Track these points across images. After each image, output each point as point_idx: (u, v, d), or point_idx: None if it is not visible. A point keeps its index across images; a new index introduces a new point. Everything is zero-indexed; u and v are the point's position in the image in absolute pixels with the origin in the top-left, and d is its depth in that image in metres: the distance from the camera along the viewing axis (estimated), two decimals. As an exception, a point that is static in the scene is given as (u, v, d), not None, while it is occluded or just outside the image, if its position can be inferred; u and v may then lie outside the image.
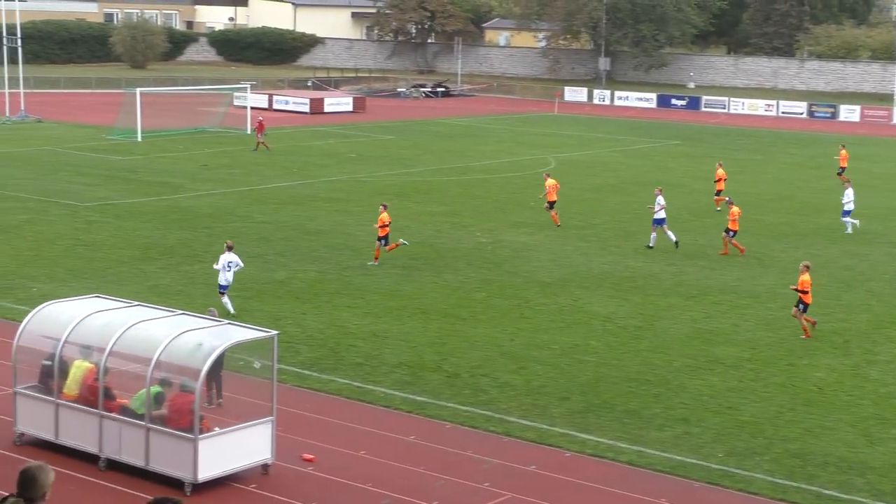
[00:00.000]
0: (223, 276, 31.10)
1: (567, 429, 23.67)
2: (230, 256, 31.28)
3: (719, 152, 73.46)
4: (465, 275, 36.77)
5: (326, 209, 47.68)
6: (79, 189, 50.75)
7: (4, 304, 31.63)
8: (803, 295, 31.17)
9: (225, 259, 31.20)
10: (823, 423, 24.60)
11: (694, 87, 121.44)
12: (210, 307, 26.62)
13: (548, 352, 28.91)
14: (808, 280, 31.29)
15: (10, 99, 78.81)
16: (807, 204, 53.76)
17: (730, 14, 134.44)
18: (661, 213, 42.15)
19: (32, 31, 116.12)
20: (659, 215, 42.15)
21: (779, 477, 21.60)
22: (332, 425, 23.49)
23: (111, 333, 21.18)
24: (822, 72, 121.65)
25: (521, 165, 63.54)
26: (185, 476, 19.94)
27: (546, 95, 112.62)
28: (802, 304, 31.23)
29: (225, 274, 31.11)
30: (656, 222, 42.22)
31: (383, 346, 28.92)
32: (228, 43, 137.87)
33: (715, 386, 26.73)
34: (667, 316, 32.74)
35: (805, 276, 31.31)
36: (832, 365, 28.77)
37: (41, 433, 21.69)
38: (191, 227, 42.90)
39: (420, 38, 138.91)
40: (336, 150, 68.67)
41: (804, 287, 31.16)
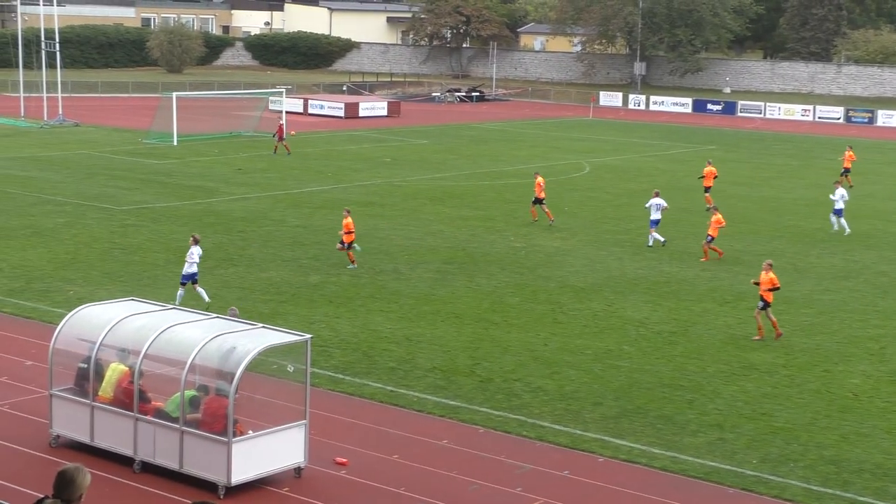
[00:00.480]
0: (189, 267, 32.06)
1: (600, 434, 23.61)
2: (198, 249, 32.21)
3: (755, 157, 73.22)
4: (498, 279, 36.75)
5: (360, 213, 47.71)
6: (115, 192, 51.06)
7: (41, 306, 31.86)
8: (765, 293, 30.86)
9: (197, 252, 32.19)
10: (859, 429, 24.43)
11: (730, 92, 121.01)
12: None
13: (581, 357, 28.85)
14: (772, 279, 31.00)
15: (49, 103, 79.36)
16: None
17: (766, 19, 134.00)
18: (658, 215, 42.86)
19: (71, 35, 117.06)
20: (655, 216, 42.89)
21: (813, 484, 21.47)
22: (365, 429, 23.52)
23: (146, 336, 21.29)
24: (859, 77, 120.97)
25: (555, 170, 63.44)
26: (218, 479, 20.02)
27: (581, 100, 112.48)
28: (763, 302, 30.95)
29: (191, 266, 32.08)
30: (653, 223, 42.99)
31: (416, 350, 28.94)
32: (264, 47, 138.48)
33: (749, 392, 26.60)
34: (701, 321, 32.62)
35: (770, 274, 31.00)
36: (868, 371, 28.57)
37: (77, 435, 21.82)
38: (225, 231, 43.08)
39: (455, 42, 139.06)
40: (370, 154, 68.80)
41: (773, 284, 30.93)
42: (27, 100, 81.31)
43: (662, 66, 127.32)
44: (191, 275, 32.17)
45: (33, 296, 33.00)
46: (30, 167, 58.23)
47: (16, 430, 22.70)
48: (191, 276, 32.17)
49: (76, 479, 9.59)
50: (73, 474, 9.61)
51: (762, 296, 30.94)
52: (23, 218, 44.26)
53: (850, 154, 61.79)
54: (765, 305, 30.95)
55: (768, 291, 30.90)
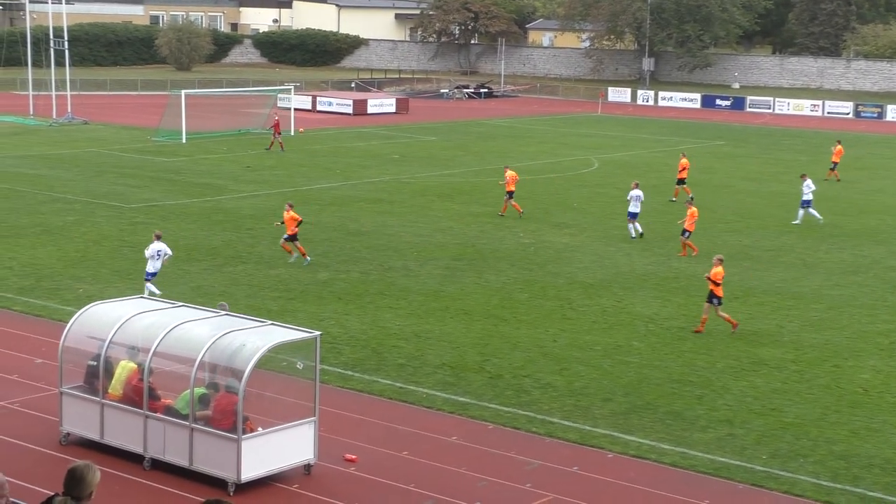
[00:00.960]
0: (152, 264, 32.32)
1: (610, 430, 23.61)
2: (159, 245, 32.39)
3: (764, 153, 73.13)
4: (507, 276, 36.75)
5: (369, 210, 47.79)
6: (124, 190, 51.14)
7: (51, 304, 31.93)
8: (714, 287, 30.61)
9: (154, 248, 32.30)
10: (869, 424, 24.41)
11: (739, 88, 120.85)
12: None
13: (590, 353, 28.85)
14: (721, 272, 30.73)
15: (58, 101, 79.49)
16: (853, 204, 53.36)
17: (775, 14, 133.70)
18: (636, 207, 43.16)
19: (79, 33, 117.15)
20: (633, 209, 43.26)
21: (823, 479, 21.46)
22: (374, 426, 23.54)
23: (156, 334, 21.33)
24: (868, 72, 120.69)
25: (563, 166, 63.43)
26: (228, 476, 20.05)
27: (589, 96, 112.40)
28: (716, 299, 30.69)
29: (154, 262, 32.30)
30: (631, 215, 43.51)
31: (426, 346, 28.96)
32: (272, 45, 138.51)
33: (759, 387, 26.58)
34: (710, 317, 32.56)
35: (718, 268, 30.76)
36: (878, 366, 28.54)
37: (87, 433, 21.87)
38: (234, 229, 43.13)
39: (463, 39, 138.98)
40: (379, 151, 68.82)
41: (717, 279, 30.63)
42: (36, 98, 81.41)
43: (671, 62, 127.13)
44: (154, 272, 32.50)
45: (43, 294, 33.07)
46: (39, 165, 58.34)
47: (26, 428, 22.76)
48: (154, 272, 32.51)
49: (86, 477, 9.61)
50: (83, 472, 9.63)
51: (712, 290, 30.73)
52: (32, 216, 44.35)
53: (839, 149, 61.86)
54: (717, 300, 30.73)
55: (717, 286, 30.64)
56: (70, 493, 9.60)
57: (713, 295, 30.77)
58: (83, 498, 9.61)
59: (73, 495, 9.60)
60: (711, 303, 30.84)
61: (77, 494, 9.59)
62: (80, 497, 9.60)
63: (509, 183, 47.00)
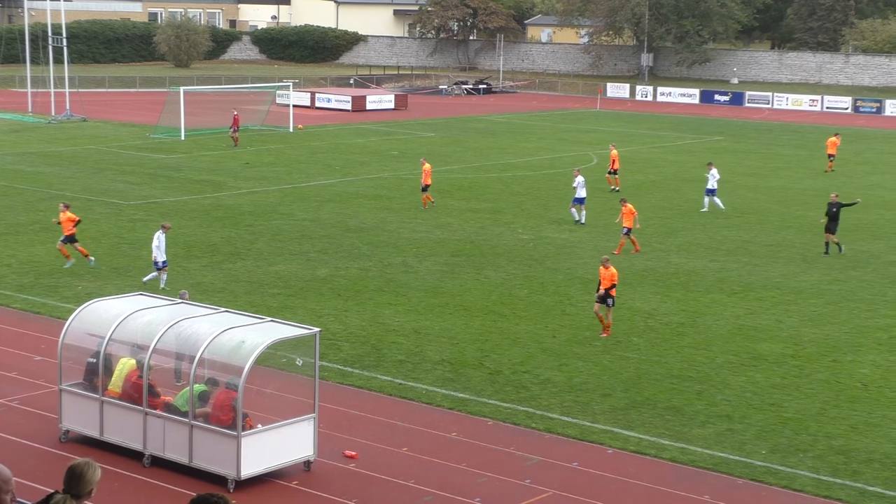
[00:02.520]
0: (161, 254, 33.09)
1: (609, 425, 23.62)
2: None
3: (763, 148, 73.12)
4: (506, 272, 36.75)
5: (368, 206, 47.79)
6: (123, 188, 51.13)
7: (50, 302, 31.93)
8: (612, 290, 29.78)
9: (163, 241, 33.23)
10: (868, 419, 24.42)
11: (737, 83, 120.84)
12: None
13: (590, 348, 28.86)
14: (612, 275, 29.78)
15: (56, 98, 79.44)
16: (851, 199, 53.20)
17: (774, 9, 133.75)
18: (582, 192, 44.93)
19: (78, 30, 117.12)
20: (580, 194, 44.88)
21: (823, 474, 21.47)
22: (374, 422, 23.55)
23: (155, 331, 21.34)
24: (867, 66, 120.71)
25: (562, 162, 63.40)
26: (228, 473, 20.06)
27: (588, 92, 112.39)
28: (610, 299, 29.85)
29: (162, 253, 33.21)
30: (577, 200, 44.94)
31: (425, 343, 28.96)
32: (271, 41, 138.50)
33: (758, 382, 26.59)
34: (709, 312, 32.60)
35: (610, 269, 29.83)
36: (877, 361, 28.54)
37: (86, 430, 21.88)
38: (233, 225, 43.13)
39: (462, 35, 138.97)
40: (378, 147, 68.81)
41: (613, 280, 29.75)
42: (35, 95, 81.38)
43: (670, 57, 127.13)
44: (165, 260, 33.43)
45: (42, 291, 33.07)
46: (38, 163, 58.32)
47: (26, 426, 22.77)
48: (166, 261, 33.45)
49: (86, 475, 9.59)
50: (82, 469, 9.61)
51: (605, 290, 29.76)
52: (31, 213, 44.34)
53: (835, 140, 62.27)
54: (610, 301, 29.81)
55: (611, 288, 29.75)
56: (70, 491, 9.59)
57: (609, 296, 29.78)
58: (82, 495, 9.59)
59: (73, 493, 9.58)
60: (605, 304, 29.85)
61: (77, 492, 9.57)
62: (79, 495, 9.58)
63: (425, 176, 47.65)
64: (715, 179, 48.46)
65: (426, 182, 47.69)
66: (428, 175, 47.75)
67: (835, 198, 41.07)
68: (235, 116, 67.10)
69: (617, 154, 54.40)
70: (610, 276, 29.82)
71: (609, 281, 29.81)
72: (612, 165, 54.09)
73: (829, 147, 62.61)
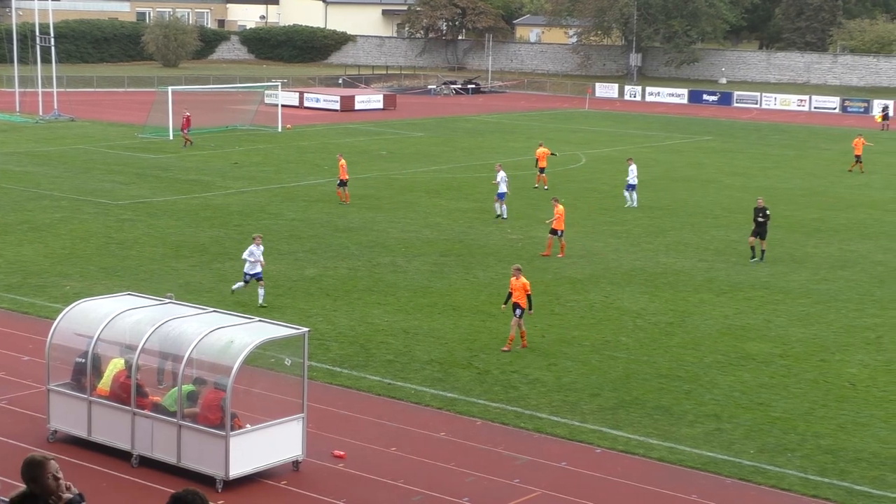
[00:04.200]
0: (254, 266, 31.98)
1: (598, 425, 23.64)
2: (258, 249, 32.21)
3: (751, 147, 73.24)
4: (495, 271, 36.75)
5: (357, 206, 47.76)
6: (111, 187, 51.03)
7: (38, 301, 31.86)
8: (520, 300, 28.34)
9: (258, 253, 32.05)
10: (856, 419, 24.47)
11: (726, 83, 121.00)
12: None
13: (578, 348, 28.88)
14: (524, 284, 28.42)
15: (44, 98, 79.25)
16: (840, 199, 53.46)
17: (762, 9, 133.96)
18: (504, 188, 45.74)
19: (65, 30, 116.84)
20: (502, 189, 45.70)
21: (811, 473, 21.51)
22: (362, 422, 23.54)
23: (143, 331, 21.31)
24: (855, 66, 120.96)
25: (551, 162, 63.35)
26: (216, 473, 20.05)
27: (577, 91, 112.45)
28: (520, 310, 28.39)
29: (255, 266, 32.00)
30: (499, 196, 45.75)
31: (414, 342, 28.96)
32: (260, 41, 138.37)
33: (746, 382, 26.63)
34: (698, 312, 32.64)
35: (521, 279, 28.49)
36: (865, 361, 28.60)
37: (74, 430, 21.84)
38: (222, 225, 43.08)
39: (451, 35, 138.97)
40: (366, 147, 68.76)
41: (526, 290, 28.31)
42: (22, 95, 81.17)
43: (658, 57, 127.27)
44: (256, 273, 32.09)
45: (30, 291, 33.00)
46: (25, 162, 58.19)
47: (13, 426, 22.72)
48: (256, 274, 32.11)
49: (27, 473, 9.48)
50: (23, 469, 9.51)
51: (516, 302, 28.39)
52: (19, 213, 44.24)
53: (862, 140, 62.34)
54: (521, 312, 28.38)
55: (523, 297, 28.38)
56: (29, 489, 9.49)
57: (519, 306, 28.37)
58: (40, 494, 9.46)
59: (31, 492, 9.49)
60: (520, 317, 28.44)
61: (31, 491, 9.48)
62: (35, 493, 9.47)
63: (342, 171, 48.18)
64: (634, 175, 48.79)
65: (343, 177, 48.18)
66: (344, 170, 48.20)
67: (761, 203, 39.90)
68: (187, 117, 66.41)
69: (542, 152, 54.69)
70: (522, 286, 28.39)
71: (522, 291, 28.37)
72: (539, 163, 54.43)
73: (856, 148, 62.55)
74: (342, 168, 48.30)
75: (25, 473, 9.43)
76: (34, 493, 9.42)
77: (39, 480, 9.35)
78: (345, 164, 48.53)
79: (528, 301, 28.45)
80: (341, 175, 48.27)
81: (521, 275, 28.76)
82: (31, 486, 9.42)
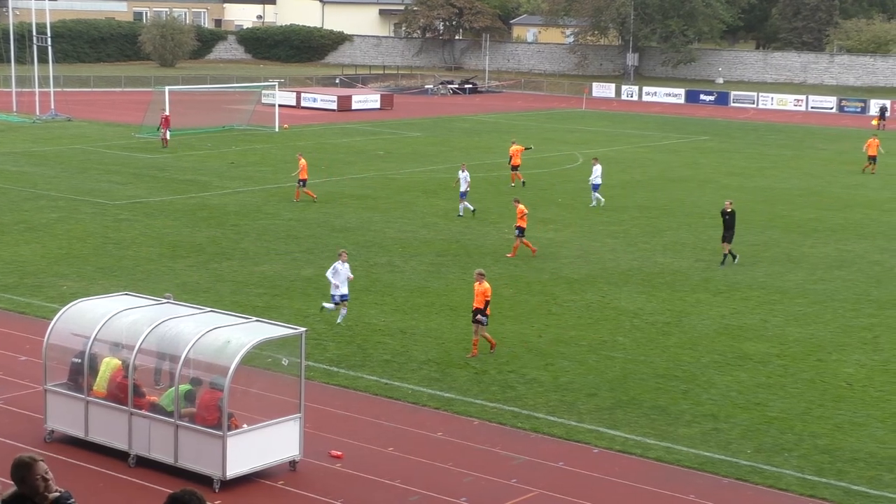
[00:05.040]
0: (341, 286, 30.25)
1: (595, 425, 23.64)
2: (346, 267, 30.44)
3: (748, 147, 73.28)
4: (492, 271, 36.68)
5: (354, 206, 47.76)
6: (108, 187, 51.01)
7: (35, 301, 31.84)
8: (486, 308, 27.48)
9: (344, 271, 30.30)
10: (853, 419, 24.49)
11: (722, 83, 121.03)
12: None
13: (575, 348, 28.88)
14: (485, 290, 27.61)
15: (41, 98, 79.16)
16: (837, 199, 53.48)
17: (759, 9, 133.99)
18: (465, 187, 46.00)
19: (62, 30, 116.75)
20: (462, 188, 45.97)
21: (808, 473, 21.52)
22: (359, 422, 23.54)
23: (140, 331, 21.30)
24: (852, 66, 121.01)
25: (548, 162, 63.44)
26: (213, 473, 20.04)
27: (574, 91, 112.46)
28: (484, 317, 27.57)
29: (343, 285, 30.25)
30: (462, 195, 46.00)
31: (411, 342, 28.95)
32: (257, 41, 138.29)
33: (743, 382, 26.64)
34: (695, 312, 32.65)
35: (484, 284, 27.70)
36: (862, 360, 28.62)
37: (71, 430, 21.83)
38: (219, 225, 43.06)
39: (448, 34, 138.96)
40: (364, 147, 68.76)
41: (486, 296, 27.56)
42: (19, 95, 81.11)
43: (655, 57, 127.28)
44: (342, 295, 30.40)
45: (27, 291, 32.98)
46: (22, 162, 58.15)
47: (10, 426, 22.70)
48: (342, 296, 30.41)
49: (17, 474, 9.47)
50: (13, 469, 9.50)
51: (477, 309, 27.58)
52: (16, 213, 44.22)
53: (875, 141, 62.34)
54: (483, 319, 27.66)
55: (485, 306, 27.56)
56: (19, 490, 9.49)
57: (481, 312, 27.57)
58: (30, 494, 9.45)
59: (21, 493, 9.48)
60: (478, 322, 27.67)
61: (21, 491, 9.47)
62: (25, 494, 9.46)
63: (302, 171, 48.42)
64: (598, 175, 48.64)
65: (303, 177, 48.40)
66: (304, 170, 48.41)
67: (729, 205, 38.84)
68: (166, 117, 66.02)
69: (516, 150, 54.85)
70: (483, 292, 27.61)
71: (482, 297, 27.62)
72: (512, 161, 54.61)
73: (869, 148, 62.51)
74: (302, 168, 48.41)
75: (14, 474, 9.45)
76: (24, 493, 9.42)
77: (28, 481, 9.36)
78: (305, 163, 48.62)
79: (485, 306, 27.47)
80: (301, 174, 48.36)
81: (483, 280, 27.85)
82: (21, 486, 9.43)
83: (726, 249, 38.58)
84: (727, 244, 38.59)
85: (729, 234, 38.58)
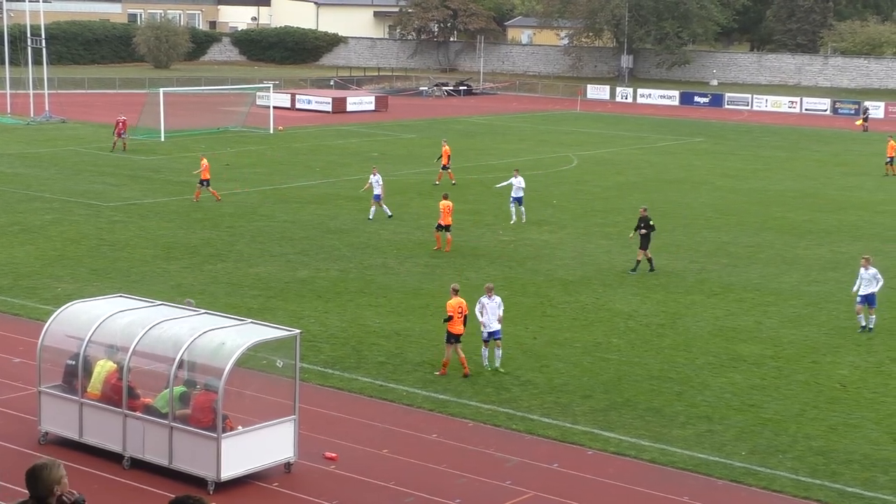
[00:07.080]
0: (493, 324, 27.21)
1: (589, 427, 23.66)
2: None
3: (743, 149, 73.32)
4: (487, 273, 36.73)
5: (349, 208, 47.75)
6: (103, 189, 50.97)
7: (29, 303, 31.81)
8: (450, 324, 26.48)
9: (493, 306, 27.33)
10: (847, 420, 24.51)
11: (717, 85, 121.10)
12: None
13: (570, 350, 28.89)
14: (460, 304, 26.63)
15: (35, 100, 79.12)
16: (831, 201, 53.54)
17: (753, 11, 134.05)
18: (378, 190, 45.55)
19: (57, 31, 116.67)
20: (377, 191, 45.52)
21: (802, 475, 21.54)
22: (354, 424, 23.53)
23: (135, 333, 21.28)
24: (846, 68, 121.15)
25: (543, 163, 63.46)
26: (208, 475, 20.03)
27: (568, 93, 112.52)
28: (453, 337, 26.49)
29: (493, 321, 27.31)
30: (375, 197, 45.53)
31: (405, 344, 28.95)
32: (251, 43, 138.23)
33: (738, 383, 26.67)
34: (689, 313, 32.68)
35: (457, 298, 26.78)
36: (856, 362, 28.65)
37: (65, 432, 21.80)
38: (213, 227, 43.03)
39: (442, 36, 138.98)
40: (358, 149, 68.74)
41: (462, 310, 26.48)
42: (14, 96, 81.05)
43: (649, 59, 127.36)
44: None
45: (21, 293, 32.94)
46: (17, 164, 58.09)
47: (4, 428, 22.68)
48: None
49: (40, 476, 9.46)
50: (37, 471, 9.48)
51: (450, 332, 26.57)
52: (10, 215, 44.17)
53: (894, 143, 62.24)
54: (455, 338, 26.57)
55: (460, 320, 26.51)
56: (33, 494, 9.48)
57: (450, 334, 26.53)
58: (45, 497, 9.45)
59: (35, 495, 9.47)
60: (449, 342, 26.58)
61: (36, 493, 9.46)
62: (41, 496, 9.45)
63: (204, 171, 48.45)
64: (520, 187, 45.59)
65: (205, 177, 48.42)
66: (206, 170, 48.46)
67: (644, 212, 37.86)
68: (123, 121, 64.72)
69: (447, 150, 55.30)
70: (457, 306, 26.60)
71: (457, 313, 26.51)
72: (444, 161, 55.10)
73: (889, 150, 62.36)
74: (204, 168, 48.47)
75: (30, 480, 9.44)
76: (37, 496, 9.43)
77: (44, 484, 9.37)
78: (207, 164, 48.70)
79: (464, 321, 26.49)
80: (203, 175, 48.41)
81: (456, 295, 26.95)
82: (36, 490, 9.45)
83: (642, 255, 37.37)
84: (642, 251, 37.35)
85: (645, 241, 37.22)
